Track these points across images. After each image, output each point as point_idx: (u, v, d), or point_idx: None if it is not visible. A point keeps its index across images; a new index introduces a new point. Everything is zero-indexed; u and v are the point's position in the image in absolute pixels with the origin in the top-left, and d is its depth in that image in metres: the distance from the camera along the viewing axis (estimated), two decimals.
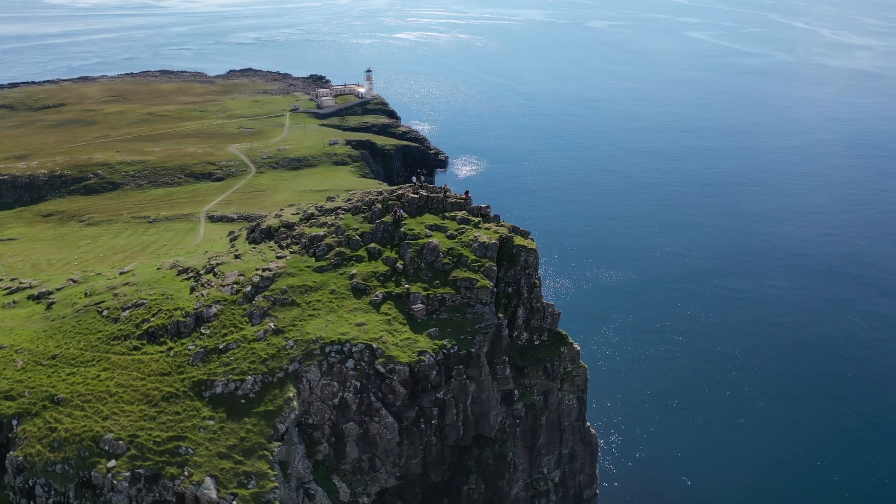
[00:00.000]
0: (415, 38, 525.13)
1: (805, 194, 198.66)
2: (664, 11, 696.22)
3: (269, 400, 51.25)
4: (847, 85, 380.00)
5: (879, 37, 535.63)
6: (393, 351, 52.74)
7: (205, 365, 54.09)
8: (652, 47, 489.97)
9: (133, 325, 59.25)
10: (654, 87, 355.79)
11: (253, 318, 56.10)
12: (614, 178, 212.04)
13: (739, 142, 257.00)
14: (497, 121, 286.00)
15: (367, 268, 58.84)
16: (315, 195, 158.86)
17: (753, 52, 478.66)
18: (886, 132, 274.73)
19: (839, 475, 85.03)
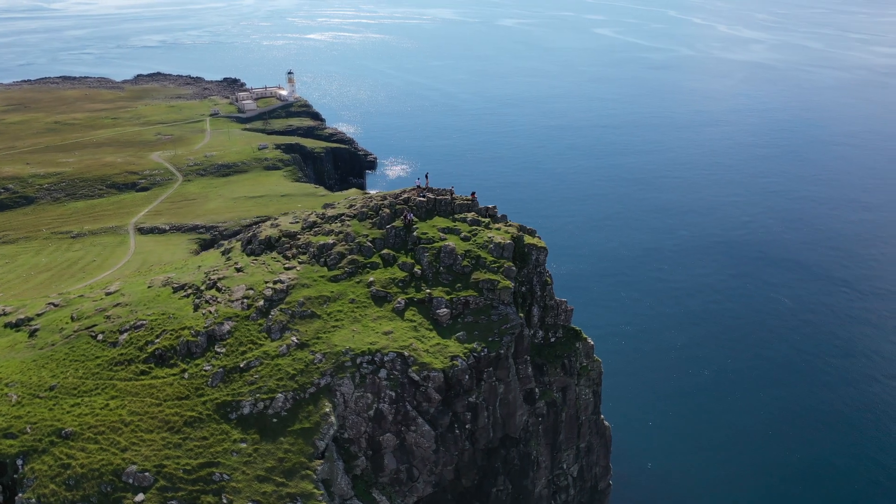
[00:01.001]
0: (328, 38, 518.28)
1: (720, 185, 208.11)
2: (570, 9, 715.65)
3: (303, 417, 49.50)
4: (746, 77, 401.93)
5: (770, 31, 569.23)
6: (425, 358, 51.98)
7: (227, 385, 51.66)
8: (563, 45, 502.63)
9: (135, 348, 55.87)
10: (570, 83, 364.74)
11: (272, 333, 53.98)
12: (542, 176, 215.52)
13: (654, 136, 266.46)
14: (421, 120, 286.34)
15: (384, 275, 57.69)
16: (250, 202, 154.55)
17: (658, 48, 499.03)
18: (786, 121, 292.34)
19: (845, 462, 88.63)
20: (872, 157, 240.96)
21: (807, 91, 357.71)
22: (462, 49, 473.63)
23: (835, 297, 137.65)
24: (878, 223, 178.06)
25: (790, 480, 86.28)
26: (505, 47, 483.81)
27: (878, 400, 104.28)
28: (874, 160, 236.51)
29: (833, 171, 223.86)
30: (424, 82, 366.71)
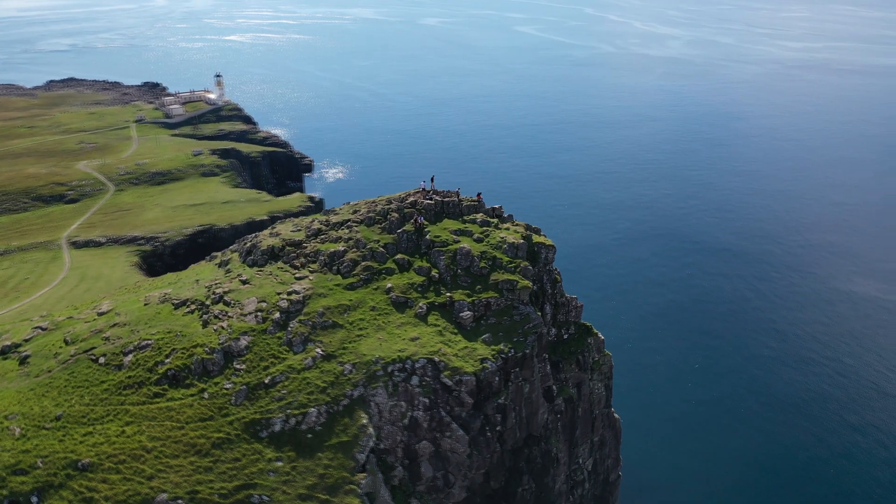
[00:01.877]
0: (249, 40, 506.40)
1: (653, 180, 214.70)
2: (491, 7, 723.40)
3: (339, 430, 48.22)
4: (666, 72, 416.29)
5: (683, 27, 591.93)
6: (456, 362, 51.53)
7: (252, 403, 49.76)
8: (488, 43, 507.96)
9: (144, 369, 53.09)
10: (500, 82, 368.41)
11: (294, 346, 52.31)
12: (478, 176, 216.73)
13: (586, 133, 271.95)
14: (354, 122, 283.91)
15: (401, 280, 56.80)
16: (190, 210, 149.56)
17: (579, 45, 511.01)
18: (708, 115, 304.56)
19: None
20: (790, 148, 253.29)
21: (724, 85, 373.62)
22: (387, 49, 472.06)
23: (772, 281, 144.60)
24: (802, 211, 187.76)
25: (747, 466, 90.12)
26: (431, 46, 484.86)
27: (814, 376, 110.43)
28: (792, 152, 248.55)
29: (756, 163, 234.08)
30: (353, 83, 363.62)
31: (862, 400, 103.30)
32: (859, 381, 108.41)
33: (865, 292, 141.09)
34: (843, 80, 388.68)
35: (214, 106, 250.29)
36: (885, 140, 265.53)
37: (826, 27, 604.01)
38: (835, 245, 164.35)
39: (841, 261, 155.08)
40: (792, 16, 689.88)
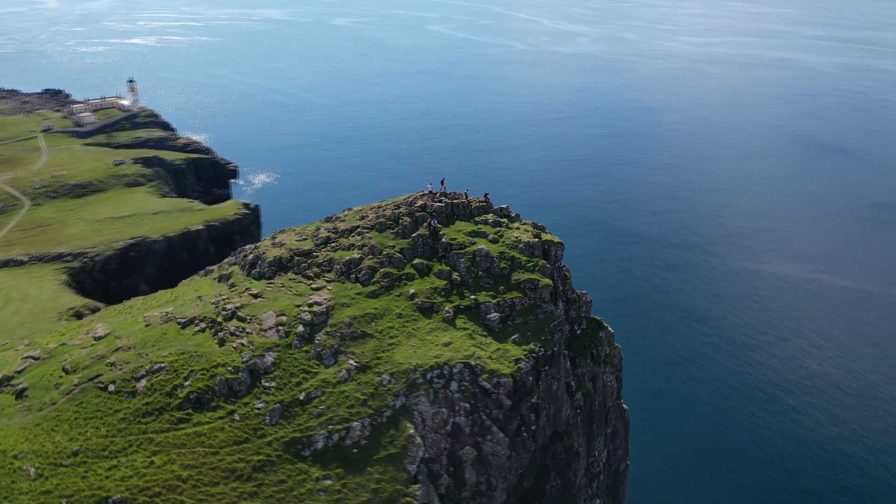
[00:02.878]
0: (153, 43, 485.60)
1: (582, 177, 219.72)
2: (400, 7, 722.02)
3: (386, 442, 47.04)
4: (578, 69, 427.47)
5: (590, 24, 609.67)
6: (491, 364, 51.23)
7: (289, 422, 47.86)
8: (402, 42, 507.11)
9: (162, 394, 50.13)
10: (419, 82, 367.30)
11: (324, 360, 50.62)
12: (407, 182, 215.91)
13: (511, 133, 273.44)
14: (275, 125, 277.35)
15: (422, 285, 55.90)
16: (118, 223, 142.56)
17: (492, 43, 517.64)
18: (622, 111, 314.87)
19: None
20: (701, 142, 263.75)
21: (635, 80, 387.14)
22: (302, 50, 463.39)
23: (701, 270, 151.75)
24: (723, 203, 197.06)
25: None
26: (346, 47, 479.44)
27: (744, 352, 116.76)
28: (704, 145, 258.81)
29: (672, 157, 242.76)
30: (270, 85, 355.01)
31: (795, 380, 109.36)
32: (788, 360, 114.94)
33: (787, 273, 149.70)
34: (743, 73, 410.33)
35: (129, 113, 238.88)
36: (787, 130, 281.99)
37: (721, 23, 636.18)
38: (754, 232, 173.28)
39: (761, 246, 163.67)
40: (689, 12, 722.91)
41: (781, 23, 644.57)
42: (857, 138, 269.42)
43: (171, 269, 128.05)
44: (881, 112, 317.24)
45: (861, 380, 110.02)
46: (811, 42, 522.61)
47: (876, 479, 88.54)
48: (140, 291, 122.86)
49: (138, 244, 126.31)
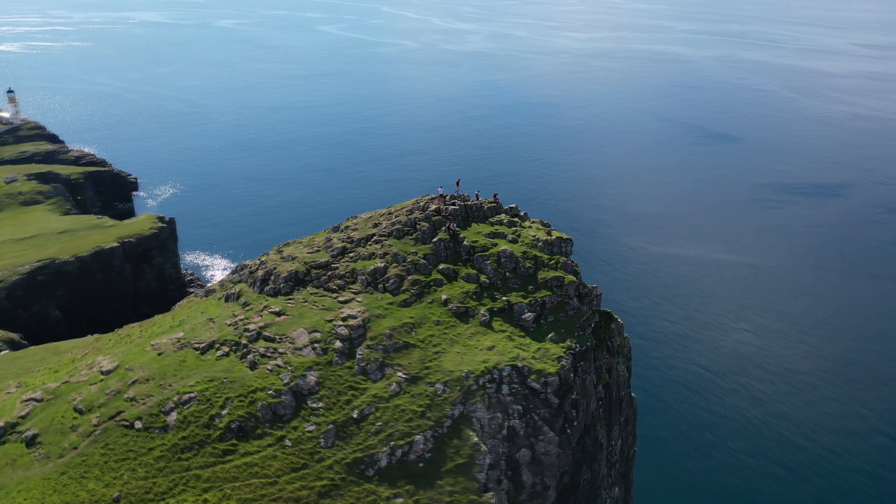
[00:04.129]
0: (19, 49, 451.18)
1: (495, 179, 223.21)
2: (284, 7, 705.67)
3: (451, 453, 46.05)
4: (475, 65, 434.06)
5: (478, 22, 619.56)
6: (537, 364, 51.23)
7: (347, 442, 45.93)
8: (292, 44, 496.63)
9: (198, 426, 46.83)
10: (319, 85, 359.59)
11: (370, 374, 48.90)
12: (326, 178, 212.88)
13: (418, 136, 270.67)
14: (173, 134, 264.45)
15: (453, 290, 55.01)
16: (21, 245, 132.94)
17: (385, 42, 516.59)
18: (526, 106, 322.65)
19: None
20: (601, 135, 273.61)
21: (531, 76, 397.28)
22: (187, 54, 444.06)
23: (621, 261, 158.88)
24: (625, 192, 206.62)
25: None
26: (235, 49, 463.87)
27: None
28: (603, 138, 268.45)
29: (581, 153, 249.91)
30: (158, 91, 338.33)
31: (724, 361, 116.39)
32: (714, 338, 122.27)
33: (695, 254, 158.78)
34: (629, 67, 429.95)
35: (10, 126, 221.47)
36: (678, 121, 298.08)
37: (601, 19, 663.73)
38: (660, 218, 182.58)
39: (668, 230, 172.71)
40: (571, 9, 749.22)
41: (657, 18, 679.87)
42: (739, 126, 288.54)
43: (85, 291, 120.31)
44: (757, 100, 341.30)
45: (777, 354, 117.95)
46: (686, 36, 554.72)
47: (804, 450, 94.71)
48: (52, 318, 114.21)
49: (46, 267, 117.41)
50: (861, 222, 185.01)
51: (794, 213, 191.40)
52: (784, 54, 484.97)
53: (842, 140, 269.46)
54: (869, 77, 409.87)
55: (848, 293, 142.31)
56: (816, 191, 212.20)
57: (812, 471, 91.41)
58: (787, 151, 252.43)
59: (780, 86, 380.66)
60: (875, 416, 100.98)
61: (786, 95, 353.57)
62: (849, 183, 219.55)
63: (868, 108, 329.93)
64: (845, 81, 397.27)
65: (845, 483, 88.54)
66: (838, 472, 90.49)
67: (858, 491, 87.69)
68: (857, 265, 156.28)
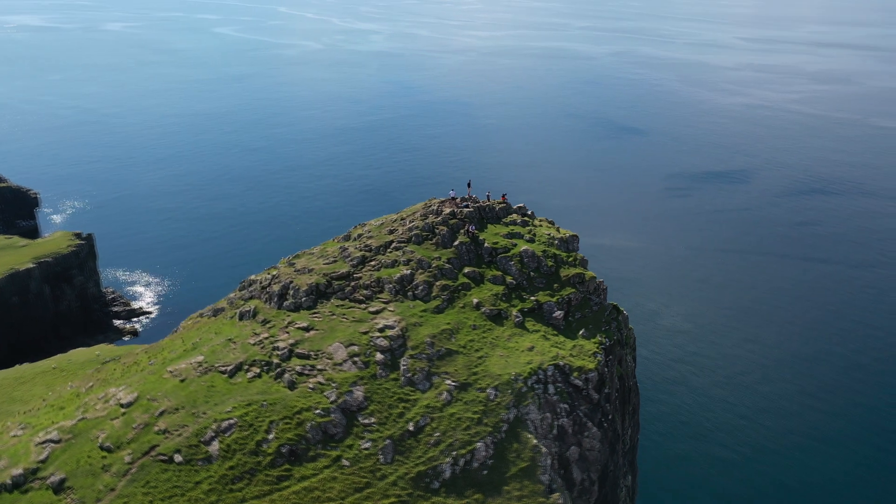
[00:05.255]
0: None
1: (413, 187, 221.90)
2: (178, 10, 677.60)
3: (512, 458, 45.71)
4: (382, 66, 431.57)
5: (379, 22, 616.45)
6: (577, 361, 51.60)
7: (407, 456, 44.72)
8: (189, 46, 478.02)
9: (245, 454, 44.35)
10: (229, 90, 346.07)
11: (418, 385, 47.77)
12: (246, 188, 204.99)
13: (326, 145, 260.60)
14: (71, 144, 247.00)
15: (482, 293, 54.46)
16: None
17: (287, 44, 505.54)
18: (439, 104, 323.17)
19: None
20: (514, 132, 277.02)
21: (441, 75, 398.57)
22: (78, 59, 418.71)
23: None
24: (544, 186, 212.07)
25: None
26: (130, 54, 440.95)
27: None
28: (517, 135, 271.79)
29: (496, 153, 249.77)
30: (52, 100, 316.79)
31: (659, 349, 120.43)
32: (646, 330, 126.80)
33: (613, 243, 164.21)
34: (533, 64, 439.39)
35: None
36: (587, 115, 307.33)
37: (500, 17, 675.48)
38: (581, 208, 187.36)
39: (591, 221, 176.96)
40: (469, 8, 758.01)
41: (553, 16, 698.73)
42: (643, 119, 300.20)
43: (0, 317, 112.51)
44: (656, 94, 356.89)
45: (708, 339, 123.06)
46: (583, 33, 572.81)
47: (743, 430, 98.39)
48: None
49: None
50: (764, 206, 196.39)
51: (702, 200, 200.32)
52: (676, 49, 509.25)
53: (738, 129, 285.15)
54: (756, 69, 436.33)
55: (763, 273, 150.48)
56: (721, 178, 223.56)
57: (758, 451, 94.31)
58: (690, 141, 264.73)
59: (676, 79, 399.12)
60: (798, 395, 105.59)
61: (682, 88, 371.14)
62: (749, 169, 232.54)
63: (758, 99, 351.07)
64: (735, 74, 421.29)
65: (782, 462, 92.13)
66: (784, 452, 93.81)
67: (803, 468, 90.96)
68: (767, 246, 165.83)
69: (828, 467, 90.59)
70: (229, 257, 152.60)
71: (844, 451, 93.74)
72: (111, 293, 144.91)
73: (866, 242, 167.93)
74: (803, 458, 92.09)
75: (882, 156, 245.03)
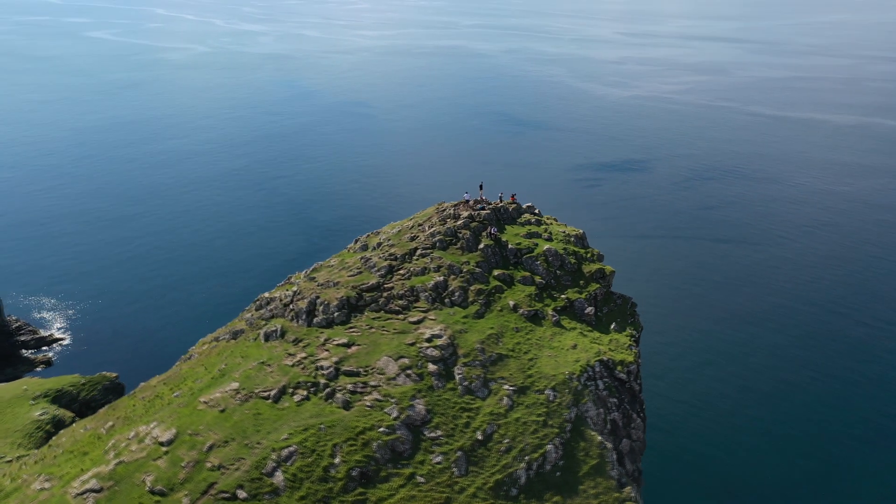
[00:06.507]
0: None
1: (328, 197, 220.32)
2: (41, 13, 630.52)
3: (581, 456, 45.86)
4: (276, 67, 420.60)
5: (266, 23, 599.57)
6: (617, 355, 52.43)
7: (481, 466, 43.95)
8: (61, 52, 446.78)
9: (314, 481, 42.19)
10: (111, 98, 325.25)
11: (477, 392, 46.99)
12: (147, 208, 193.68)
13: (238, 152, 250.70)
14: None
15: (516, 295, 54.13)
16: None
17: (171, 47, 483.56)
18: (344, 105, 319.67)
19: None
20: (420, 131, 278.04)
21: (340, 76, 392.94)
22: None
23: None
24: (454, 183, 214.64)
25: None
26: None
27: None
28: (423, 135, 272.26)
29: (405, 153, 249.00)
30: None
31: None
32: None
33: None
34: (428, 62, 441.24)
35: None
36: (492, 111, 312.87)
37: (389, 17, 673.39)
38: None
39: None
40: (356, 8, 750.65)
41: (440, 14, 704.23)
42: (541, 112, 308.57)
43: None
44: (551, 88, 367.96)
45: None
46: (473, 31, 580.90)
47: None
48: None
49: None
50: (668, 191, 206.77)
51: (610, 189, 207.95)
52: (564, 45, 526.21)
53: (631, 119, 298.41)
54: (638, 62, 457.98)
55: (679, 255, 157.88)
56: (625, 167, 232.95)
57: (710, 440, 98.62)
58: (589, 133, 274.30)
59: (567, 74, 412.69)
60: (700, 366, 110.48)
61: (574, 83, 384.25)
62: (649, 158, 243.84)
63: (646, 91, 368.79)
64: (620, 67, 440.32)
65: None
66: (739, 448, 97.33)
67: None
68: (678, 230, 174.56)
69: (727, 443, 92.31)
70: (141, 279, 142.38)
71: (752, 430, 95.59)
72: (15, 321, 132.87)
73: (759, 224, 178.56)
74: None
75: (766, 143, 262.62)
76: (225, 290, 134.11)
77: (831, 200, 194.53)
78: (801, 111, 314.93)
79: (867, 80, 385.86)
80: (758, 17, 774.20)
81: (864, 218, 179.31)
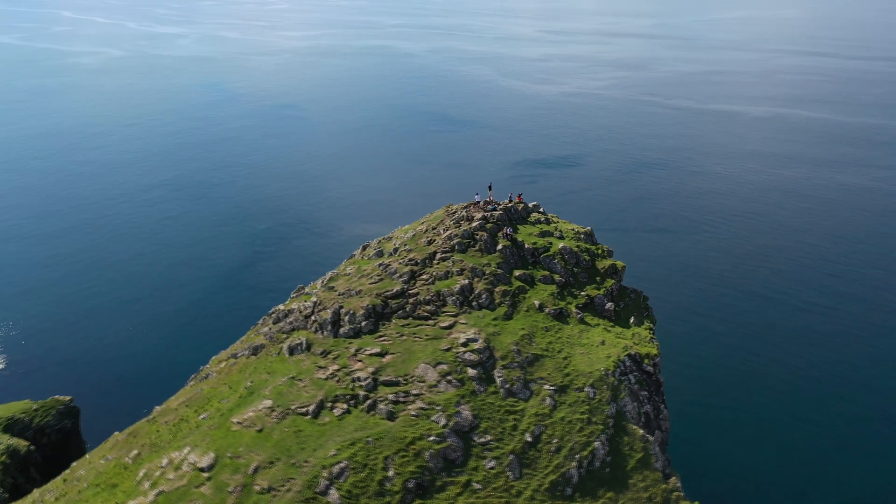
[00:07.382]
0: None
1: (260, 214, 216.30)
2: None
3: (626, 451, 46.34)
4: (196, 71, 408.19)
5: (182, 25, 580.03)
6: (643, 349, 53.23)
7: (534, 468, 43.79)
8: None
9: (370, 497, 41.13)
10: (27, 106, 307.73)
11: (518, 394, 46.78)
12: (60, 219, 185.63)
13: (170, 162, 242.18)
14: None
15: (539, 295, 54.08)
16: None
17: (84, 51, 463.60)
18: (289, 108, 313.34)
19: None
20: (355, 134, 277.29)
21: (266, 78, 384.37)
22: None
23: None
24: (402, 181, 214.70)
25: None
26: None
27: None
28: (351, 137, 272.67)
29: (344, 156, 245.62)
30: None
31: None
32: None
33: None
34: (355, 63, 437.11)
35: None
36: (422, 110, 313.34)
37: (310, 17, 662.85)
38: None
39: None
40: (276, 8, 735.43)
41: (362, 14, 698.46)
42: (473, 110, 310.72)
43: None
44: (479, 86, 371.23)
45: None
46: (397, 31, 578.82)
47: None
48: None
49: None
50: (605, 185, 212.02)
51: (548, 185, 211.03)
52: (487, 43, 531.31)
53: (562, 116, 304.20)
54: (562, 59, 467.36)
55: (621, 250, 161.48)
56: (560, 163, 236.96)
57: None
58: (524, 131, 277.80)
59: (494, 72, 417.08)
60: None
61: (502, 81, 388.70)
62: (583, 153, 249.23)
63: (574, 87, 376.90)
64: (544, 64, 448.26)
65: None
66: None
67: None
68: (625, 223, 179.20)
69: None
70: (77, 299, 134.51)
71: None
72: None
73: (692, 215, 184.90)
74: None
75: (691, 136, 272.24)
76: (167, 307, 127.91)
77: (755, 190, 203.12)
78: (720, 104, 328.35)
79: (779, 73, 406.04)
80: (669, 13, 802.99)
81: (787, 207, 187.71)
